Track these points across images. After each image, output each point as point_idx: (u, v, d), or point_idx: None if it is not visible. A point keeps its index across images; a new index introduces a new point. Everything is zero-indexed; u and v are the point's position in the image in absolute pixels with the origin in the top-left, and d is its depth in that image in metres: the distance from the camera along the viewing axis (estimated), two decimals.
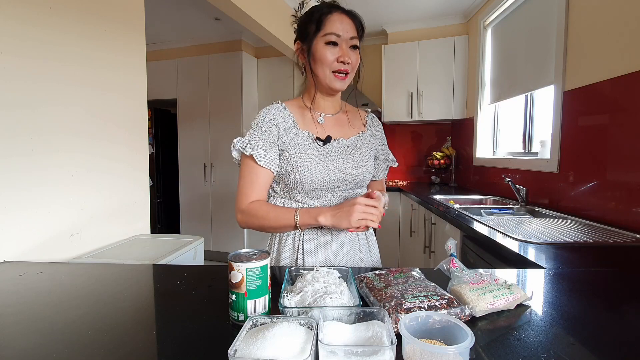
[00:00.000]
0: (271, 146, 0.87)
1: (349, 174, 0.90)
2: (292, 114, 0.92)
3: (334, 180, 0.88)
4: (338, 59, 0.85)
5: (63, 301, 0.66)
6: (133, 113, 1.49)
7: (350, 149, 0.93)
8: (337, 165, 0.89)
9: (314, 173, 0.86)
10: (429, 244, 2.22)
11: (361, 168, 0.92)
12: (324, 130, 0.93)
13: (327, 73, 0.87)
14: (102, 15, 1.33)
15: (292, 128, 0.90)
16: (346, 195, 0.92)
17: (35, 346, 0.49)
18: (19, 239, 1.04)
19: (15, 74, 1.03)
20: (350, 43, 0.86)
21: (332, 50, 0.85)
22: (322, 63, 0.86)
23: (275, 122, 0.89)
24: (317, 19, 0.85)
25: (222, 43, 3.60)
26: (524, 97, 2.25)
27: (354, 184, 0.92)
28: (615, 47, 1.35)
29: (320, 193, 0.89)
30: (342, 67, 0.86)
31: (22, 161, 1.04)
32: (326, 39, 0.84)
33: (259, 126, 0.88)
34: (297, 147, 0.88)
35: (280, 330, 0.44)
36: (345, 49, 0.85)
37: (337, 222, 0.79)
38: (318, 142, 0.90)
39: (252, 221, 0.86)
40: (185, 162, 3.78)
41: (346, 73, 0.87)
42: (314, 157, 0.87)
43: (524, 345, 0.47)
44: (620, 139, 1.33)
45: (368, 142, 0.98)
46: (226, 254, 3.21)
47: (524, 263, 0.96)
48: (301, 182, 0.86)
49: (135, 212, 1.49)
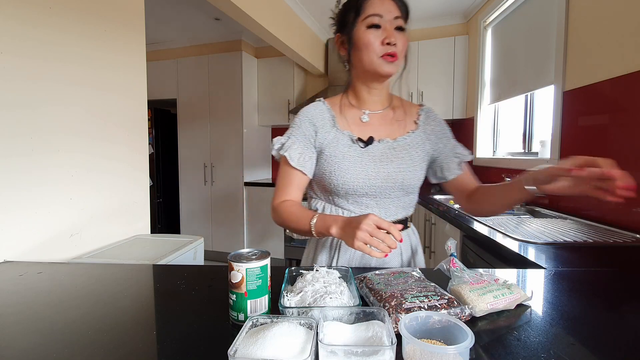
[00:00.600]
0: (306, 147, 0.83)
1: (393, 180, 0.81)
2: (333, 112, 0.86)
3: (375, 185, 0.80)
4: (383, 41, 0.76)
5: (63, 301, 0.66)
6: (133, 113, 1.49)
7: (397, 151, 0.83)
8: (380, 169, 0.80)
9: (353, 177, 0.79)
10: (429, 244, 2.22)
11: (408, 173, 0.82)
12: (367, 130, 0.85)
13: (374, 58, 0.78)
14: (102, 15, 1.33)
15: (332, 128, 0.84)
16: (391, 203, 0.83)
17: (35, 346, 0.49)
18: (19, 239, 1.04)
19: (15, 74, 1.03)
20: (394, 24, 0.77)
21: (376, 33, 0.76)
22: (366, 48, 0.77)
23: (313, 122, 0.84)
24: (355, 4, 0.78)
25: (222, 43, 3.60)
26: (524, 97, 2.25)
27: (400, 190, 0.82)
28: (615, 47, 1.35)
29: (361, 199, 0.82)
30: (389, 50, 0.76)
31: (22, 161, 1.04)
32: (368, 22, 0.77)
33: (297, 126, 0.85)
34: (335, 149, 0.82)
35: (280, 330, 0.44)
36: (390, 30, 0.76)
37: (344, 238, 0.68)
38: (359, 144, 0.82)
39: (279, 221, 0.83)
40: (185, 162, 3.77)
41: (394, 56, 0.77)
42: (353, 159, 0.80)
43: (524, 345, 0.47)
44: (620, 139, 1.33)
45: (419, 142, 0.86)
46: (226, 254, 3.21)
47: (524, 263, 0.96)
48: (339, 187, 0.80)
49: (135, 212, 1.49)
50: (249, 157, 3.62)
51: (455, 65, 2.99)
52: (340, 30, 0.84)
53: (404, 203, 0.86)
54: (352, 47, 0.81)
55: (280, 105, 3.69)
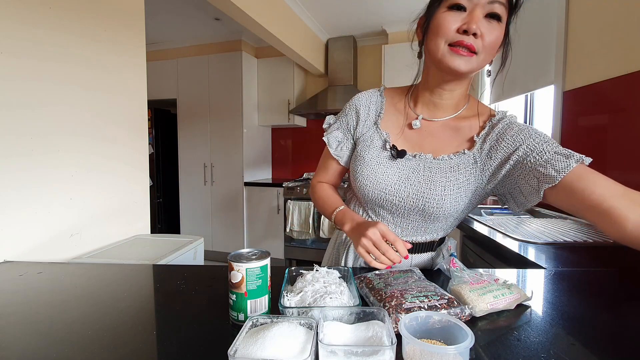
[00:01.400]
0: (346, 138, 0.80)
1: (413, 202, 0.70)
2: (384, 106, 0.76)
3: (393, 203, 0.72)
4: (460, 28, 0.60)
5: (63, 301, 0.66)
6: (133, 113, 1.49)
7: (431, 171, 0.69)
8: (401, 187, 0.70)
9: (371, 185, 0.72)
10: None
11: (433, 199, 0.68)
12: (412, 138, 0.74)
13: (441, 45, 0.62)
14: (102, 16, 1.33)
15: (373, 124, 0.76)
16: (410, 225, 0.74)
17: (35, 346, 0.49)
18: (19, 239, 1.04)
19: (15, 74, 1.03)
20: (488, 9, 0.60)
21: (455, 17, 0.60)
22: (437, 33, 0.62)
23: (358, 112, 0.77)
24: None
25: (222, 43, 3.60)
26: (524, 97, 2.25)
27: (421, 215, 0.71)
28: (615, 47, 1.35)
29: (379, 210, 0.75)
30: (463, 39, 0.60)
31: (22, 161, 1.04)
32: (450, 2, 0.61)
33: (344, 112, 0.80)
34: (365, 150, 0.75)
35: (280, 330, 0.44)
36: (478, 15, 0.59)
37: (352, 239, 0.68)
38: (392, 152, 0.71)
39: (313, 199, 0.88)
40: (185, 162, 3.78)
41: (471, 50, 0.61)
42: (378, 167, 0.72)
43: (524, 345, 0.47)
44: (620, 139, 1.33)
45: (469, 165, 0.69)
46: (226, 254, 3.21)
47: (524, 263, 0.96)
48: (356, 188, 0.76)
49: (135, 212, 1.49)
50: (249, 157, 3.62)
51: None
52: (425, 14, 0.69)
53: (426, 228, 0.74)
54: (426, 32, 0.66)
55: (280, 105, 3.69)
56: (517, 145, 0.65)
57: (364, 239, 0.62)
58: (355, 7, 2.89)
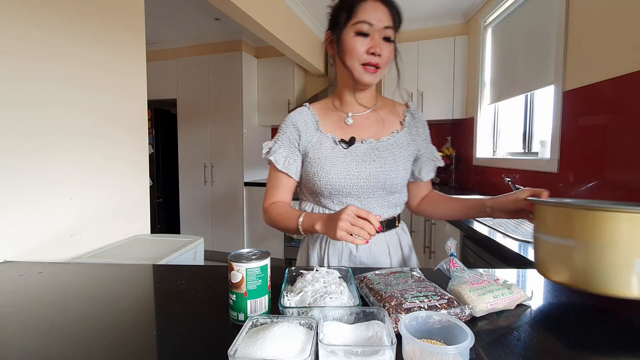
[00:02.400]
0: (291, 152, 0.87)
1: (375, 179, 0.82)
2: (317, 117, 0.89)
3: (358, 185, 0.82)
4: (368, 50, 0.78)
5: (63, 301, 0.66)
6: (133, 113, 1.49)
7: (380, 151, 0.85)
8: (362, 169, 0.82)
9: (335, 177, 0.82)
10: (429, 244, 2.22)
11: (390, 172, 0.83)
12: (351, 132, 0.87)
13: (356, 65, 0.80)
14: (102, 16, 1.33)
15: (316, 131, 0.87)
16: (376, 202, 0.85)
17: (35, 346, 0.49)
18: (19, 239, 1.04)
19: (15, 74, 1.03)
20: (383, 34, 0.78)
21: (363, 41, 0.78)
22: (351, 55, 0.79)
23: (296, 127, 0.87)
24: (349, 6, 0.78)
25: (222, 43, 3.60)
26: (524, 97, 2.25)
27: (383, 190, 0.84)
28: (615, 47, 1.35)
29: (345, 199, 0.84)
30: (372, 60, 0.78)
31: (22, 161, 1.04)
32: (356, 29, 0.78)
33: (282, 131, 0.89)
34: (318, 151, 0.84)
35: (280, 330, 0.44)
36: (378, 39, 0.78)
37: (327, 232, 0.71)
38: (342, 145, 0.84)
39: (270, 222, 0.87)
40: (185, 162, 3.78)
41: (377, 67, 0.80)
42: (336, 160, 0.82)
43: (524, 345, 0.47)
44: (620, 139, 1.33)
45: (404, 142, 0.88)
46: (226, 254, 3.21)
47: (524, 263, 0.96)
48: (322, 187, 0.83)
49: (135, 212, 1.49)
50: (249, 157, 3.62)
51: (455, 65, 2.99)
52: (331, 28, 0.85)
53: (388, 202, 0.87)
54: (339, 49, 0.82)
55: (280, 105, 3.69)
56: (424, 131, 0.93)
57: (341, 222, 0.66)
58: None
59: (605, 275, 0.52)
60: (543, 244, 0.63)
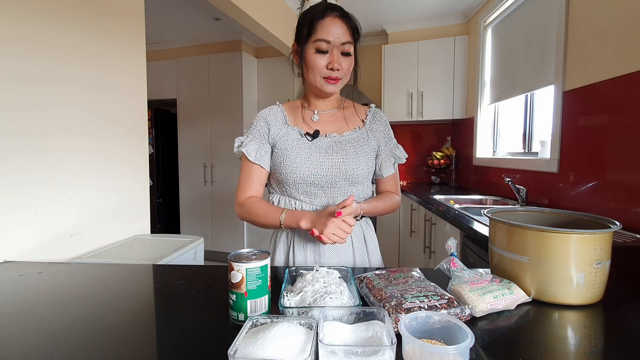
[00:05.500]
0: (262, 144, 0.91)
1: (337, 170, 0.88)
2: (285, 112, 0.95)
3: (321, 175, 0.88)
4: (328, 66, 0.85)
5: (63, 301, 0.66)
6: (133, 113, 1.49)
7: (342, 144, 0.91)
8: (325, 160, 0.88)
9: (300, 167, 0.87)
10: (429, 244, 2.22)
11: (351, 163, 0.89)
12: (316, 127, 0.93)
13: (318, 78, 0.88)
14: (102, 16, 1.33)
15: (283, 125, 0.93)
16: (338, 192, 0.91)
17: (35, 346, 0.49)
18: (19, 239, 1.04)
19: (15, 74, 1.03)
20: (341, 49, 0.85)
21: (323, 57, 0.85)
22: (312, 70, 0.87)
23: (266, 121, 0.93)
24: (309, 23, 0.85)
25: (222, 43, 3.60)
26: (524, 97, 2.25)
27: (345, 180, 0.90)
28: (615, 47, 1.35)
29: (310, 189, 0.89)
30: (332, 74, 0.86)
31: (22, 161, 1.04)
32: (316, 46, 0.84)
33: (253, 126, 0.94)
34: (285, 143, 0.90)
35: (280, 330, 0.44)
36: (336, 55, 0.85)
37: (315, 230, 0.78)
38: (307, 137, 0.90)
39: (246, 216, 0.90)
40: (185, 162, 3.78)
41: (337, 79, 0.87)
42: (301, 151, 0.88)
43: (524, 345, 0.47)
44: (620, 139, 1.33)
45: (365, 137, 0.95)
46: (226, 254, 3.20)
47: None
48: (288, 176, 0.88)
49: (135, 212, 1.49)
50: None
51: (455, 65, 2.99)
52: (296, 40, 0.92)
53: (351, 193, 0.91)
54: (302, 63, 0.91)
55: None
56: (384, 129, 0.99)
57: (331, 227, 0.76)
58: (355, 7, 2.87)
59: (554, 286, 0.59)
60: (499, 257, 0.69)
